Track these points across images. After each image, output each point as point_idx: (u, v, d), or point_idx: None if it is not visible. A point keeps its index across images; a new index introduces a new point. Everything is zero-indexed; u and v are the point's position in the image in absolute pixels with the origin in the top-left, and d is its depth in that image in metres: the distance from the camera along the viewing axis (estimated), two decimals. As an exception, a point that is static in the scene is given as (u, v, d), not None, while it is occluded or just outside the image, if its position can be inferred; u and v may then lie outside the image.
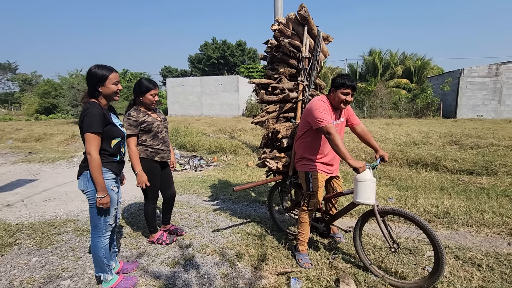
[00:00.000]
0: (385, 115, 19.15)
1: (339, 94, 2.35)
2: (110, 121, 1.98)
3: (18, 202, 4.20)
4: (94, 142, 1.86)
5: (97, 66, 1.94)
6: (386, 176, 5.37)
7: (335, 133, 2.21)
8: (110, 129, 1.96)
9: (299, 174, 2.65)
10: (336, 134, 2.22)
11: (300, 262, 2.50)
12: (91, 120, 1.84)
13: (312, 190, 2.50)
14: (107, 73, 1.92)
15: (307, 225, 2.60)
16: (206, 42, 42.35)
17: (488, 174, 5.26)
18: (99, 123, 1.87)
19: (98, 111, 1.88)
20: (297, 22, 2.97)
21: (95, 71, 1.91)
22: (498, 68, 17.21)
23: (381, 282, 2.21)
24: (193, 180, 5.44)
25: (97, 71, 1.92)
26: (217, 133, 11.09)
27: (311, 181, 2.49)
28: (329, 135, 2.23)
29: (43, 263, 2.53)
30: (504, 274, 2.32)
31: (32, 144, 10.31)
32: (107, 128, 1.94)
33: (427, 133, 9.27)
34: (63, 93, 17.37)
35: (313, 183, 2.49)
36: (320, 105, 2.36)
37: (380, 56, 29.01)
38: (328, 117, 2.30)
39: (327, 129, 2.24)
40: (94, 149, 1.86)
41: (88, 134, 1.84)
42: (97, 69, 1.92)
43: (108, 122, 1.95)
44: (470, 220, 3.31)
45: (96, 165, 1.86)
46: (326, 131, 2.24)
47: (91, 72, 1.92)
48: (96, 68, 1.93)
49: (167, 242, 2.86)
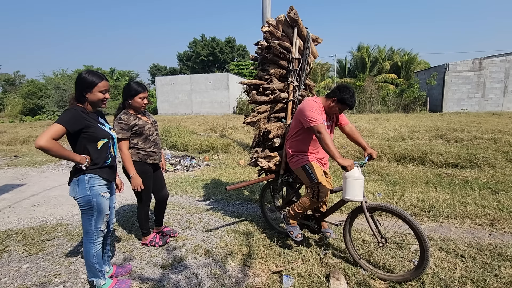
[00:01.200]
0: (373, 110, 19.46)
1: (336, 107, 2.49)
2: (94, 123, 1.97)
3: (5, 208, 4.12)
4: (53, 131, 1.75)
5: (88, 72, 1.94)
6: (375, 171, 5.49)
7: (325, 133, 2.31)
8: (94, 130, 1.95)
9: (297, 172, 2.70)
10: (326, 134, 2.31)
11: (291, 235, 2.60)
12: (64, 115, 1.84)
13: (316, 179, 2.51)
14: (96, 81, 1.92)
15: (308, 209, 2.62)
16: (195, 39, 41.90)
17: (471, 166, 5.46)
18: (73, 121, 1.84)
19: (77, 113, 1.87)
20: (287, 24, 3.01)
21: (84, 77, 1.91)
22: (482, 62, 17.70)
23: (370, 276, 2.29)
24: (184, 180, 5.44)
25: (86, 76, 1.91)
26: (208, 132, 11.06)
27: (311, 171, 2.54)
28: (319, 134, 2.32)
29: (34, 269, 2.51)
30: (485, 263, 2.43)
31: (18, 147, 10.06)
32: (90, 129, 1.93)
33: (414, 128, 9.50)
34: (48, 93, 17.02)
35: (314, 173, 2.53)
36: (312, 105, 2.45)
37: (368, 52, 29.39)
38: (319, 117, 2.39)
39: (318, 128, 2.33)
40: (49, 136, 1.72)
41: (54, 124, 1.78)
42: (87, 75, 1.92)
43: (90, 123, 1.93)
44: (454, 213, 3.44)
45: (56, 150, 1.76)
46: (317, 130, 2.33)
47: (80, 77, 1.92)
48: (86, 74, 1.92)
49: (160, 244, 2.88)
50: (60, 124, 1.78)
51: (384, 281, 2.25)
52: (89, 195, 1.94)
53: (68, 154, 1.83)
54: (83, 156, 1.91)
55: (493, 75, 17.61)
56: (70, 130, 1.83)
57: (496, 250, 2.64)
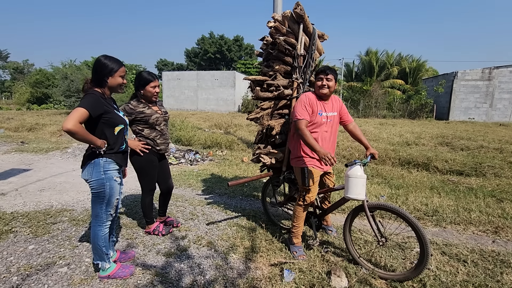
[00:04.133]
0: (379, 115, 19.36)
1: (317, 82, 2.53)
2: (111, 108, 2.00)
3: (12, 191, 4.18)
4: (78, 115, 1.76)
5: (107, 57, 1.96)
6: (379, 174, 5.48)
7: (304, 129, 2.40)
8: (112, 116, 1.99)
9: (295, 170, 2.72)
10: (305, 130, 2.39)
11: (295, 255, 2.58)
12: (88, 100, 1.86)
13: (308, 185, 2.56)
14: (117, 67, 1.96)
15: (302, 219, 2.67)
16: (203, 36, 42.03)
17: (477, 175, 5.42)
18: (95, 106, 1.86)
19: (97, 97, 1.90)
20: (292, 20, 2.99)
21: (105, 62, 1.94)
22: (491, 72, 17.52)
23: (371, 274, 2.30)
24: (188, 174, 5.47)
25: (107, 62, 1.94)
26: (212, 128, 11.10)
27: (307, 176, 2.56)
28: (298, 131, 2.42)
29: (39, 250, 2.55)
30: (487, 269, 2.42)
31: (24, 134, 10.18)
32: (109, 115, 1.96)
33: (420, 134, 9.44)
34: (56, 83, 17.12)
35: (309, 179, 2.56)
36: (303, 99, 2.52)
37: (377, 56, 29.23)
38: (305, 114, 2.44)
39: (297, 124, 2.42)
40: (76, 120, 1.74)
41: (78, 108, 1.78)
42: (107, 60, 1.95)
43: (108, 109, 1.96)
44: (457, 219, 3.43)
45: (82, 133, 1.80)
46: (298, 126, 2.41)
47: (100, 62, 1.94)
48: (106, 59, 1.95)
49: (163, 233, 2.91)
50: (83, 108, 1.80)
51: (385, 280, 2.26)
52: (103, 178, 1.98)
53: (92, 138, 1.88)
54: (103, 141, 1.95)
55: (502, 85, 17.43)
56: (93, 114, 1.85)
57: (499, 257, 2.62)
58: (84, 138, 1.82)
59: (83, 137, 1.81)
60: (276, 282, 2.20)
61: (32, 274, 2.21)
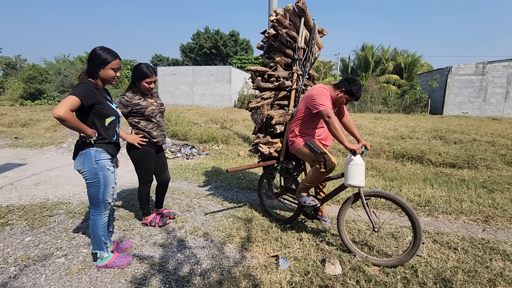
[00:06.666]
0: (374, 110, 19.47)
1: (344, 98, 2.59)
2: (103, 99, 2.00)
3: (7, 185, 4.16)
4: (69, 102, 1.76)
5: (102, 49, 1.95)
6: (373, 167, 5.54)
7: (334, 117, 2.40)
8: (103, 107, 1.98)
9: (299, 152, 2.73)
10: (335, 118, 2.41)
11: (305, 203, 2.65)
12: (80, 88, 1.85)
13: (320, 151, 2.55)
14: (110, 58, 1.94)
15: (317, 182, 2.65)
16: (199, 31, 41.69)
17: (469, 167, 5.51)
18: (87, 95, 1.85)
19: (90, 87, 1.90)
20: (294, 13, 3.05)
21: (99, 53, 1.92)
22: (485, 67, 17.68)
23: (365, 262, 2.35)
24: (184, 167, 5.48)
25: (101, 53, 1.92)
26: (208, 123, 11.08)
27: (314, 146, 2.62)
28: (328, 119, 2.41)
29: (36, 242, 2.56)
30: (477, 256, 2.49)
31: (18, 129, 10.07)
32: (101, 105, 1.96)
33: (414, 128, 9.54)
34: (49, 78, 16.91)
35: (317, 147, 2.61)
36: (322, 91, 2.55)
37: (372, 51, 29.30)
38: (328, 103, 2.49)
39: (327, 113, 2.42)
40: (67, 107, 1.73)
41: (70, 96, 1.78)
42: (102, 51, 1.93)
43: (100, 100, 1.96)
44: (449, 208, 3.50)
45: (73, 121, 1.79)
46: (326, 114, 2.42)
47: (95, 52, 1.93)
48: (101, 50, 1.93)
49: (160, 224, 2.93)
50: (75, 96, 1.79)
51: (378, 266, 2.31)
52: (95, 167, 1.98)
53: (82, 126, 1.87)
54: (93, 130, 1.95)
55: (496, 80, 17.60)
56: (84, 104, 1.84)
57: (488, 244, 2.70)
58: (74, 126, 1.81)
59: (74, 125, 1.80)
60: (272, 270, 2.25)
61: (29, 264, 2.23)
